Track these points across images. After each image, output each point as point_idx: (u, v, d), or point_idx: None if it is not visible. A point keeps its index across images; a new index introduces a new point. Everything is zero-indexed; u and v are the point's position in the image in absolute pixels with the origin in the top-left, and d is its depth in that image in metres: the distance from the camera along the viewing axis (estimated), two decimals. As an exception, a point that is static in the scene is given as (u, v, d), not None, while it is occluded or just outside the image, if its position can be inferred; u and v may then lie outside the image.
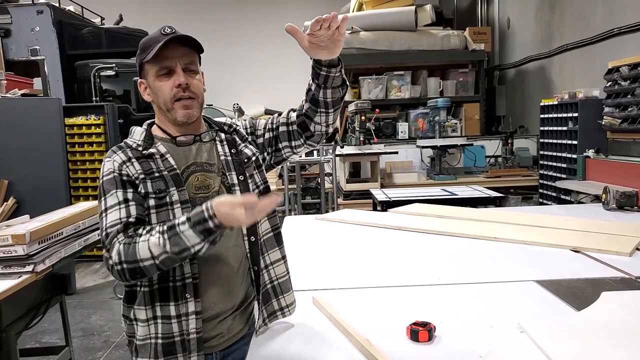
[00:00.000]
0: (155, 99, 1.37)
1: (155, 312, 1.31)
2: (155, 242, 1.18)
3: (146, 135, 1.38)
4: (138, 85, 1.41)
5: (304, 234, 2.78)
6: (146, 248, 1.19)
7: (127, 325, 1.37)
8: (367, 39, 6.85)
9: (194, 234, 1.17)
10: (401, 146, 6.27)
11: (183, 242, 1.18)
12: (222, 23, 10.86)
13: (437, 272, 1.99)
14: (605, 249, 2.16)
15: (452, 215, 3.00)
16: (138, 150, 1.34)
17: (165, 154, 1.35)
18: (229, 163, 1.42)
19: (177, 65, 1.33)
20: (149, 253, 1.19)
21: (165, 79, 1.33)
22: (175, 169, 1.34)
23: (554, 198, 5.25)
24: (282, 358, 1.33)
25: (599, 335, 1.33)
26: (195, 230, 1.17)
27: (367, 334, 1.37)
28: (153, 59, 1.32)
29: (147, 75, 1.37)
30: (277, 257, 1.47)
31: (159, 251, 1.18)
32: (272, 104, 10.76)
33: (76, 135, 5.52)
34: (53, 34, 6.67)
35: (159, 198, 1.29)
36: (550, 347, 1.25)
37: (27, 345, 3.49)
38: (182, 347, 1.30)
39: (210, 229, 1.17)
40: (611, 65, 4.62)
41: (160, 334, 1.30)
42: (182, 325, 1.30)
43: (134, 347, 1.35)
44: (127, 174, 1.29)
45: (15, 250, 2.19)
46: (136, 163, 1.31)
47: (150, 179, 1.30)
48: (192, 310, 1.30)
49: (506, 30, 8.42)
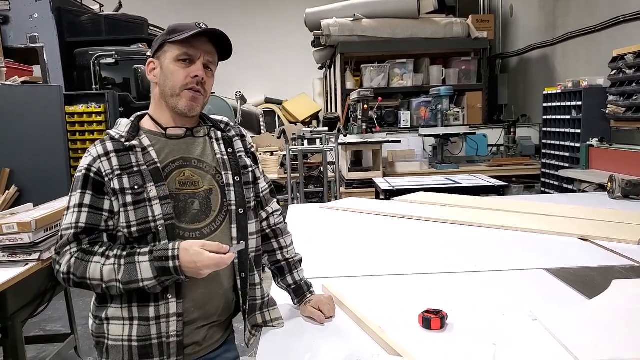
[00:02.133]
0: (162, 82, 1.33)
1: (132, 312, 1.26)
2: (109, 269, 1.19)
3: (132, 127, 1.33)
4: (147, 64, 1.36)
5: (309, 223, 2.78)
6: (98, 270, 1.20)
7: (97, 325, 1.31)
8: (370, 26, 6.79)
9: (149, 268, 1.18)
10: (403, 135, 6.25)
11: (135, 273, 1.18)
12: (223, 11, 10.77)
13: (445, 260, 1.99)
14: (613, 237, 2.15)
15: (457, 203, 2.99)
16: (120, 142, 1.28)
17: (147, 147, 1.29)
18: (225, 162, 1.38)
19: (201, 58, 1.32)
20: (99, 275, 1.20)
21: (183, 65, 1.31)
22: (155, 162, 1.28)
23: (557, 187, 5.24)
24: (293, 346, 1.32)
25: (612, 322, 1.33)
26: (152, 265, 1.18)
27: (378, 321, 1.37)
28: (180, 42, 1.29)
29: (163, 55, 1.32)
30: (258, 279, 1.43)
31: (109, 278, 1.19)
32: (272, 91, 10.71)
33: (77, 123, 5.48)
34: (52, 21, 6.60)
35: (136, 194, 1.24)
36: (564, 334, 1.25)
37: (31, 333, 3.50)
38: (159, 351, 1.25)
39: (168, 269, 1.18)
40: (616, 53, 4.59)
41: (135, 336, 1.25)
42: (162, 327, 1.25)
43: (105, 348, 1.29)
44: (97, 171, 1.25)
45: (21, 238, 2.19)
46: (114, 158, 1.26)
47: (127, 174, 1.25)
48: (174, 311, 1.26)
49: (509, 18, 8.35)
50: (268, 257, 1.54)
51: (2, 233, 2.19)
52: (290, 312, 1.51)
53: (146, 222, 1.24)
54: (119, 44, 6.75)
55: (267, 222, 1.52)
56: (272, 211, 1.54)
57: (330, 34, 6.81)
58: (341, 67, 6.96)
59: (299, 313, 1.49)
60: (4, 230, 2.19)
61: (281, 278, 1.53)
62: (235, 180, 1.37)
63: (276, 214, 1.55)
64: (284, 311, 1.50)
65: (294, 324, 1.45)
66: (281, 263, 1.52)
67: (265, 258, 1.54)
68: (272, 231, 1.53)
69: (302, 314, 1.48)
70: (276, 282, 1.55)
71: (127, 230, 1.24)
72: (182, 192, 1.31)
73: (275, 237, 1.53)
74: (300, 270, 1.54)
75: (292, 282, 1.51)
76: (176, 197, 1.29)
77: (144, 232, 1.24)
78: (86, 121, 5.48)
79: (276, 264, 1.53)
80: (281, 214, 1.58)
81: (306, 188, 5.30)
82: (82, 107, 5.46)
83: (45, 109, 4.73)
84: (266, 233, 1.52)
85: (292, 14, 9.77)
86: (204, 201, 1.33)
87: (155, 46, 1.35)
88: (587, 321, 1.35)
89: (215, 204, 1.35)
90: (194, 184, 1.33)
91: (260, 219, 1.49)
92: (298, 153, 5.20)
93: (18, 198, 4.47)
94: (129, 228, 1.24)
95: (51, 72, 6.57)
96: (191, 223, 1.31)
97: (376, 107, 5.95)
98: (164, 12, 9.56)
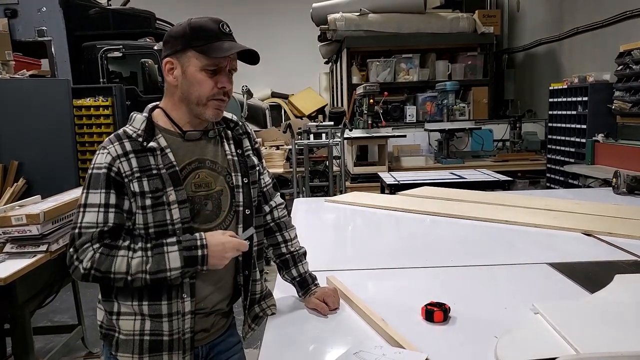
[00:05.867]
0: (185, 88, 1.28)
1: (143, 310, 1.27)
2: (138, 262, 1.20)
3: (147, 124, 1.29)
4: (164, 63, 1.30)
5: (314, 216, 2.80)
6: (125, 263, 1.20)
7: (107, 318, 1.32)
8: (376, 21, 6.78)
9: (177, 258, 1.20)
10: (409, 129, 6.25)
11: (164, 262, 1.19)
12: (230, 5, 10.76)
13: (449, 254, 2.00)
14: (617, 233, 2.16)
15: (462, 198, 2.99)
16: (138, 141, 1.26)
17: (165, 149, 1.28)
18: (235, 163, 1.39)
19: (227, 67, 1.29)
20: (125, 268, 1.20)
21: (210, 75, 1.27)
22: (174, 165, 1.27)
23: (562, 182, 5.23)
24: (298, 337, 1.34)
25: (614, 317, 1.34)
26: (181, 255, 1.20)
27: (381, 313, 1.38)
28: (209, 54, 1.25)
29: (186, 60, 1.27)
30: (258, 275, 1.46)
31: (137, 270, 1.20)
32: (278, 86, 10.71)
33: (84, 116, 5.51)
34: (60, 15, 6.62)
35: (155, 197, 1.24)
36: (565, 328, 1.26)
37: (39, 324, 3.54)
38: (169, 346, 1.27)
39: (196, 258, 1.21)
40: (623, 49, 4.56)
41: (148, 330, 1.27)
42: (174, 324, 1.27)
43: (115, 341, 1.30)
44: (117, 171, 1.23)
45: (30, 229, 2.22)
46: (133, 159, 1.25)
47: (147, 177, 1.24)
48: (189, 309, 1.28)
49: (516, 13, 8.30)
50: (273, 250, 1.56)
51: (11, 225, 2.22)
52: (295, 304, 1.53)
53: (164, 224, 1.26)
54: (126, 38, 6.76)
55: (271, 216, 1.54)
56: (276, 205, 1.55)
57: (337, 29, 6.80)
58: (347, 62, 6.95)
59: (303, 305, 1.51)
60: (13, 222, 2.22)
61: (286, 271, 1.55)
62: (244, 182, 1.39)
63: (280, 208, 1.57)
64: (289, 303, 1.53)
65: (299, 315, 1.47)
66: (286, 256, 1.54)
67: (270, 251, 1.56)
68: (276, 224, 1.55)
69: (306, 305, 1.50)
70: (281, 275, 1.57)
71: (145, 231, 1.26)
72: (197, 194, 1.32)
73: (279, 230, 1.55)
74: (304, 263, 1.56)
75: (297, 275, 1.53)
76: (192, 199, 1.30)
77: (161, 234, 1.26)
78: (93, 114, 5.50)
79: (281, 257, 1.55)
80: (285, 208, 1.60)
81: (311, 182, 5.31)
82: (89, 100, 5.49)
83: (53, 102, 4.76)
84: (270, 227, 1.54)
85: (299, 9, 9.75)
86: (215, 202, 1.35)
87: (174, 46, 1.28)
88: (588, 315, 1.36)
89: (225, 204, 1.37)
90: (207, 185, 1.34)
91: (264, 213, 1.51)
92: (304, 147, 5.21)
93: (26, 190, 4.51)
94: (146, 229, 1.26)
95: (59, 65, 6.60)
96: (203, 223, 1.33)
97: (382, 101, 5.95)
98: (171, 5, 9.57)
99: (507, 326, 1.32)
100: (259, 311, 1.47)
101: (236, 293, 1.46)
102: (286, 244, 1.55)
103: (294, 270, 1.54)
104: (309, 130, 5.44)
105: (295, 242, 1.57)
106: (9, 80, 4.82)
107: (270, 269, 3.71)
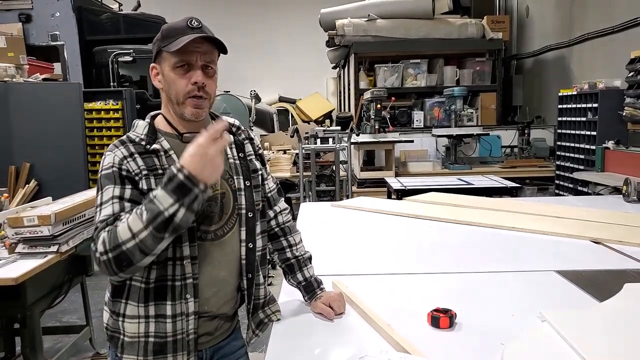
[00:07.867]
0: (167, 89, 1.32)
1: (148, 311, 1.27)
2: (133, 218, 1.14)
3: (149, 129, 1.32)
4: (150, 69, 1.35)
5: (320, 221, 2.80)
6: (126, 228, 1.14)
7: (113, 320, 1.32)
8: (384, 26, 6.79)
9: (165, 194, 1.11)
10: (416, 135, 6.24)
11: (156, 206, 1.12)
12: (238, 10, 10.84)
13: (456, 261, 2.00)
14: (626, 241, 2.14)
15: (469, 204, 2.99)
16: (141, 145, 1.29)
17: (168, 151, 1.30)
18: (237, 167, 1.40)
19: (197, 62, 1.28)
20: (128, 232, 1.13)
21: (182, 73, 1.28)
22: None
23: (571, 189, 5.19)
24: (303, 341, 1.35)
25: (623, 326, 1.33)
26: (167, 190, 1.11)
27: (387, 319, 1.38)
28: (175, 51, 1.26)
29: (162, 62, 1.30)
30: (262, 279, 1.45)
31: (138, 227, 1.12)
32: (285, 90, 10.75)
33: (95, 119, 5.58)
34: (73, 20, 6.73)
35: None
36: (573, 336, 1.25)
37: (48, 324, 3.57)
38: (173, 347, 1.28)
39: (182, 184, 1.11)
40: (634, 55, 4.53)
41: (153, 332, 1.27)
42: (177, 325, 1.28)
43: (120, 343, 1.30)
44: (127, 170, 1.25)
45: (41, 230, 2.25)
46: (139, 159, 1.26)
47: (154, 176, 1.25)
48: (192, 310, 1.29)
49: (525, 18, 8.28)
50: (278, 255, 1.56)
51: (23, 225, 2.25)
52: (301, 308, 1.53)
53: None
54: (136, 43, 6.86)
55: (276, 221, 1.55)
56: (280, 210, 1.56)
57: (345, 34, 6.83)
58: (355, 67, 6.97)
59: (309, 309, 1.52)
60: (24, 223, 2.25)
61: (291, 275, 1.55)
62: (246, 185, 1.40)
63: (284, 213, 1.58)
64: (295, 306, 1.54)
65: (304, 320, 1.47)
66: (291, 261, 1.55)
67: (276, 256, 1.57)
68: (281, 229, 1.56)
69: (312, 310, 1.51)
70: (287, 279, 1.58)
71: None
72: None
73: (284, 235, 1.56)
74: (310, 267, 1.57)
75: (303, 279, 1.54)
76: None
77: None
78: (104, 117, 5.58)
79: (286, 261, 1.56)
80: (289, 213, 1.61)
81: (318, 186, 5.32)
82: (100, 103, 5.56)
83: (64, 105, 4.82)
84: (275, 231, 1.55)
85: (307, 14, 9.80)
86: (219, 204, 1.36)
87: (154, 50, 1.33)
88: (597, 324, 1.35)
89: (227, 206, 1.37)
90: (211, 187, 1.33)
91: (268, 218, 1.52)
92: (310, 152, 5.22)
93: (37, 192, 4.56)
94: None
95: (71, 69, 6.71)
96: (207, 225, 1.34)
97: (389, 106, 5.96)
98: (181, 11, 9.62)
99: (513, 334, 1.32)
100: (263, 317, 1.47)
101: (240, 298, 1.46)
102: (291, 248, 1.56)
103: (300, 275, 1.54)
104: (316, 134, 5.46)
105: (300, 247, 1.58)
106: (23, 84, 4.90)
107: (275, 273, 3.72)
